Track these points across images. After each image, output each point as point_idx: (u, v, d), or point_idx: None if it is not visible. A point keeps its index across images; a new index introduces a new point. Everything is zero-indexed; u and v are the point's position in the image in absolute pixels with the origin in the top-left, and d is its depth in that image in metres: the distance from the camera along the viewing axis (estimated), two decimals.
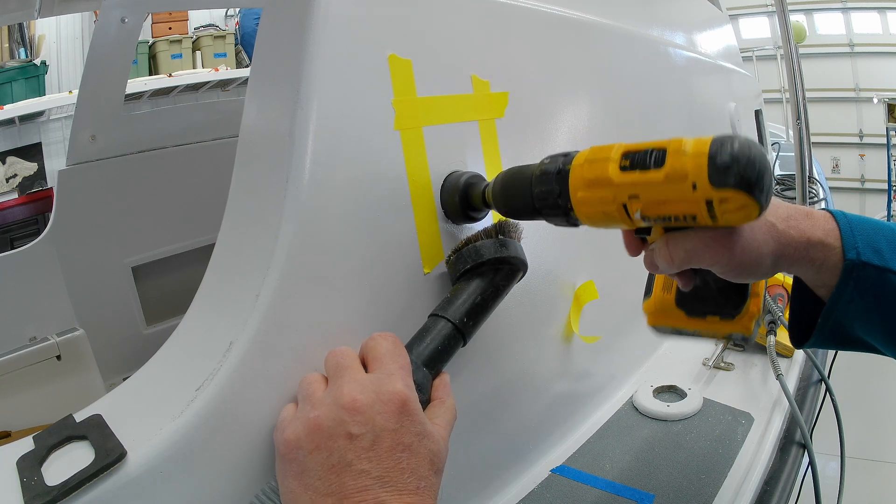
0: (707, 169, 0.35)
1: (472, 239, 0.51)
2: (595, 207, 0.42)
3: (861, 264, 0.41)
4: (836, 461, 0.90)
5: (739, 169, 0.35)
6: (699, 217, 0.37)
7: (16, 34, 3.50)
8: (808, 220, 0.43)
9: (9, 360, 1.11)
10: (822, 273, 0.43)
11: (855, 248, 0.41)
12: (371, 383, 0.39)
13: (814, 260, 0.43)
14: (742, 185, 0.35)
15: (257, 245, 0.46)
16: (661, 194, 0.38)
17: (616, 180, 0.40)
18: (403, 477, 0.36)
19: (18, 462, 0.37)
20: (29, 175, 3.44)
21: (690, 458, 0.69)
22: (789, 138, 2.89)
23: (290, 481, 0.37)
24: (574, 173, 0.43)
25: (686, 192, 0.36)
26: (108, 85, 1.46)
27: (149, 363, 0.46)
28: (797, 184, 1.28)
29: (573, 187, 0.43)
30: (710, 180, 0.35)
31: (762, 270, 0.43)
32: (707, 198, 0.36)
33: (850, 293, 0.42)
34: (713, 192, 0.36)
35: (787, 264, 0.43)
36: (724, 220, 0.37)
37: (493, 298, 0.50)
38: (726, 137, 0.36)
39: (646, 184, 0.38)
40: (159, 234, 1.60)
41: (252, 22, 4.11)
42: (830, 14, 5.82)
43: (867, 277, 0.41)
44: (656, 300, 0.53)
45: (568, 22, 0.80)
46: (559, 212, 0.45)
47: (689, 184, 0.36)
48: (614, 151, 0.40)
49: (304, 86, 0.46)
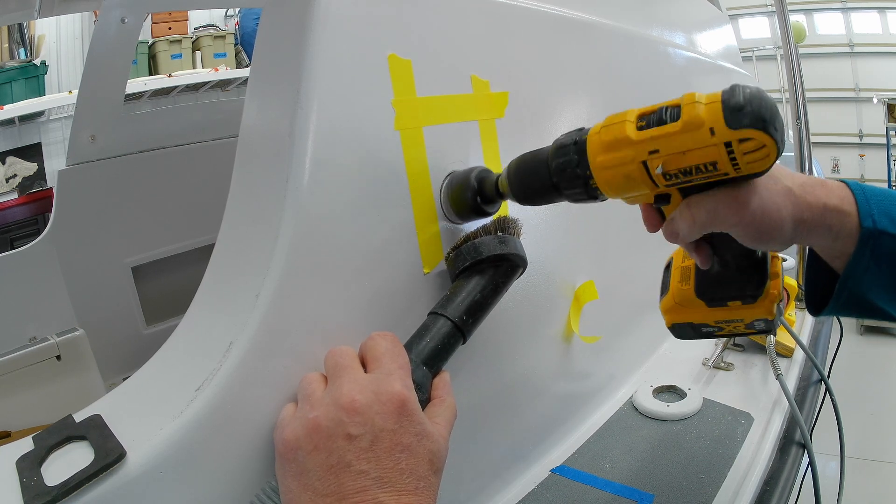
0: (722, 112, 0.37)
1: (472, 236, 0.51)
2: (615, 170, 0.42)
3: (877, 232, 0.41)
4: (836, 461, 0.90)
5: (753, 108, 0.36)
6: (720, 163, 0.38)
7: (16, 34, 3.49)
8: (824, 188, 0.43)
9: (9, 360, 1.11)
10: (839, 241, 0.43)
11: (871, 215, 0.42)
12: (370, 384, 0.39)
13: (831, 226, 0.43)
14: (757, 123, 0.36)
15: (257, 245, 0.46)
16: (681, 145, 0.38)
17: (635, 138, 0.40)
18: (402, 477, 0.36)
19: (18, 462, 0.37)
20: (29, 175, 3.44)
21: (690, 458, 0.69)
22: (789, 138, 2.89)
23: (290, 481, 0.37)
24: (591, 140, 0.43)
25: (704, 137, 0.37)
26: (108, 85, 1.46)
27: (149, 363, 0.46)
28: None
29: (592, 153, 0.43)
30: (727, 122, 0.37)
31: (782, 235, 0.43)
32: (725, 139, 0.37)
33: (866, 261, 0.42)
34: (730, 133, 0.37)
35: (805, 231, 0.43)
36: (745, 164, 0.38)
37: (493, 295, 0.50)
38: (736, 85, 0.37)
39: (664, 136, 0.39)
40: (159, 234, 1.60)
41: (252, 22, 4.11)
42: (830, 14, 5.81)
43: (883, 245, 0.41)
44: (675, 293, 0.53)
45: (568, 22, 0.80)
46: (578, 182, 0.44)
47: (706, 129, 0.37)
48: (629, 115, 0.41)
49: (304, 86, 0.46)
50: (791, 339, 0.93)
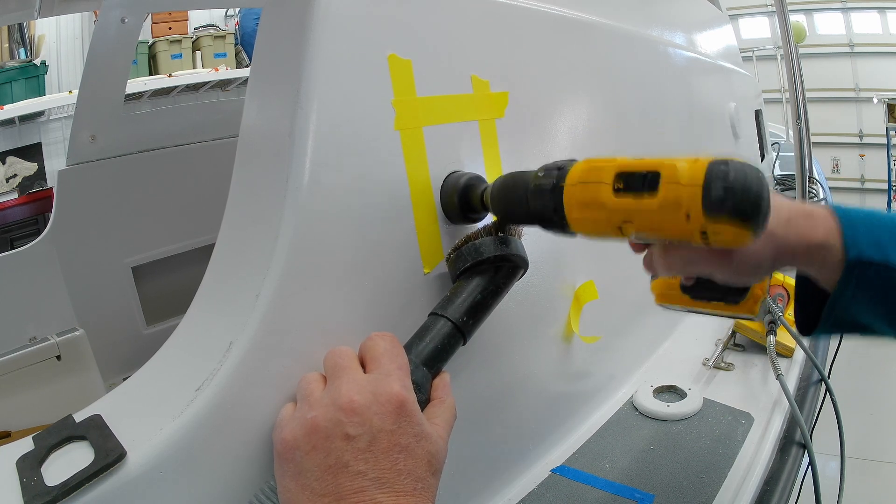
0: (701, 200, 0.35)
1: (472, 237, 0.51)
2: (591, 227, 0.42)
3: (863, 263, 0.41)
4: (836, 461, 0.90)
5: (734, 201, 0.34)
6: (692, 241, 0.37)
7: (16, 34, 3.50)
8: (809, 221, 0.43)
9: (9, 360, 1.11)
10: (824, 271, 0.43)
11: (856, 245, 0.41)
12: (369, 384, 0.39)
13: (814, 261, 0.43)
14: (736, 215, 0.34)
15: (257, 245, 0.46)
16: (655, 222, 0.38)
17: (609, 205, 0.39)
18: (400, 478, 0.36)
19: (18, 462, 0.37)
20: (29, 175, 3.44)
21: (690, 458, 0.69)
22: (789, 138, 2.88)
23: (288, 481, 0.37)
24: (568, 193, 0.42)
25: (680, 221, 0.36)
26: (108, 85, 1.46)
27: (149, 363, 0.46)
28: (797, 184, 1.28)
29: (568, 207, 0.43)
30: (705, 211, 0.35)
31: (761, 273, 0.44)
32: (701, 228, 0.36)
33: (851, 290, 0.42)
34: (707, 222, 0.35)
35: (787, 266, 0.44)
36: (719, 244, 0.37)
37: (494, 297, 0.50)
38: (721, 164, 0.35)
39: (639, 210, 0.38)
40: (159, 234, 1.60)
41: (252, 22, 4.11)
42: (830, 14, 5.82)
43: (870, 274, 0.41)
44: (663, 282, 0.54)
45: (568, 22, 0.80)
46: (556, 226, 0.45)
47: (682, 213, 0.36)
48: (606, 173, 0.40)
49: (304, 86, 0.46)
50: (791, 340, 0.93)
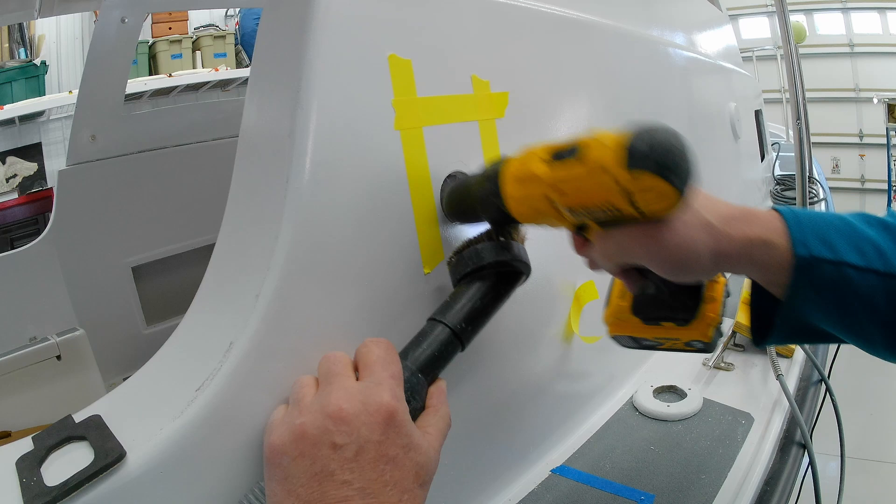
0: (624, 156, 0.36)
1: (474, 241, 0.50)
2: (525, 204, 0.43)
3: (815, 260, 0.39)
4: (836, 461, 0.90)
5: (656, 155, 0.35)
6: (622, 207, 0.38)
7: (16, 34, 3.50)
8: (750, 218, 0.42)
9: (9, 360, 1.11)
10: (770, 273, 0.41)
11: (804, 243, 0.40)
12: (358, 393, 0.38)
13: (756, 259, 0.41)
14: (658, 169, 0.35)
15: (257, 245, 0.46)
16: (582, 185, 0.38)
17: (540, 174, 0.41)
18: (386, 490, 0.36)
19: (18, 462, 0.37)
20: (29, 175, 3.44)
21: (690, 458, 0.69)
22: (789, 138, 2.88)
23: (275, 485, 0.37)
24: (504, 170, 0.44)
25: (605, 180, 0.37)
26: (108, 85, 1.46)
27: (149, 363, 0.46)
28: (797, 184, 1.28)
29: (503, 183, 0.44)
30: (629, 167, 0.36)
31: (700, 268, 0.41)
32: (625, 185, 0.36)
33: (805, 291, 0.40)
34: (629, 178, 0.36)
35: (729, 264, 0.42)
36: (647, 208, 0.37)
37: (494, 303, 0.49)
38: (644, 126, 0.36)
39: (567, 176, 0.39)
40: (159, 234, 1.60)
41: (252, 22, 4.11)
42: (830, 14, 5.82)
43: (822, 274, 0.39)
44: (613, 308, 0.53)
45: (568, 22, 0.80)
46: (495, 209, 0.46)
47: (607, 172, 0.37)
48: (541, 149, 0.42)
49: (304, 86, 0.46)
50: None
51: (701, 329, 0.48)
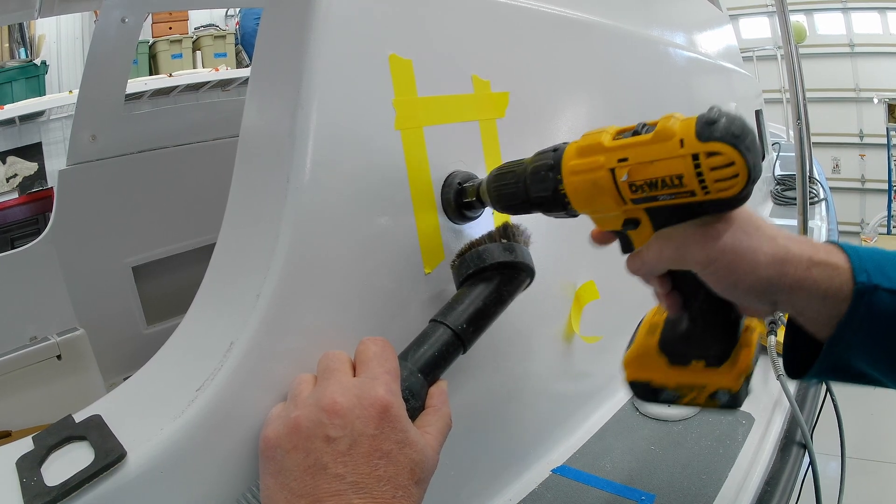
0: (695, 126, 0.37)
1: (476, 243, 0.50)
2: (584, 176, 0.43)
3: (873, 287, 0.38)
4: (837, 461, 0.90)
5: (726, 123, 0.36)
6: (686, 177, 0.38)
7: (16, 34, 3.49)
8: (812, 242, 0.40)
9: (9, 360, 1.11)
10: (828, 301, 0.39)
11: (865, 270, 0.38)
12: (354, 387, 0.38)
13: (817, 281, 0.39)
14: (727, 137, 0.36)
15: (257, 245, 0.46)
16: (649, 153, 0.39)
17: (607, 145, 0.42)
18: (379, 485, 0.35)
19: (18, 462, 0.37)
20: (29, 175, 3.44)
21: (691, 458, 0.69)
22: (789, 138, 2.88)
23: (268, 479, 0.37)
24: (569, 147, 0.45)
25: (673, 148, 0.38)
26: (109, 85, 1.46)
27: (149, 363, 0.46)
28: (797, 184, 1.27)
29: (566, 157, 0.44)
30: (697, 134, 0.37)
31: (756, 280, 0.39)
32: (693, 151, 0.37)
33: (860, 319, 0.38)
34: (699, 144, 0.37)
35: (787, 283, 0.39)
36: (712, 183, 0.37)
37: (497, 305, 0.48)
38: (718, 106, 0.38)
39: (635, 145, 0.40)
40: (159, 234, 1.60)
41: (252, 22, 4.11)
42: (830, 14, 5.81)
43: (881, 301, 0.38)
44: (638, 346, 0.51)
45: (568, 22, 0.80)
46: (548, 186, 0.45)
47: (676, 140, 0.38)
48: (611, 128, 0.43)
49: (304, 86, 0.46)
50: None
51: (732, 375, 0.46)
